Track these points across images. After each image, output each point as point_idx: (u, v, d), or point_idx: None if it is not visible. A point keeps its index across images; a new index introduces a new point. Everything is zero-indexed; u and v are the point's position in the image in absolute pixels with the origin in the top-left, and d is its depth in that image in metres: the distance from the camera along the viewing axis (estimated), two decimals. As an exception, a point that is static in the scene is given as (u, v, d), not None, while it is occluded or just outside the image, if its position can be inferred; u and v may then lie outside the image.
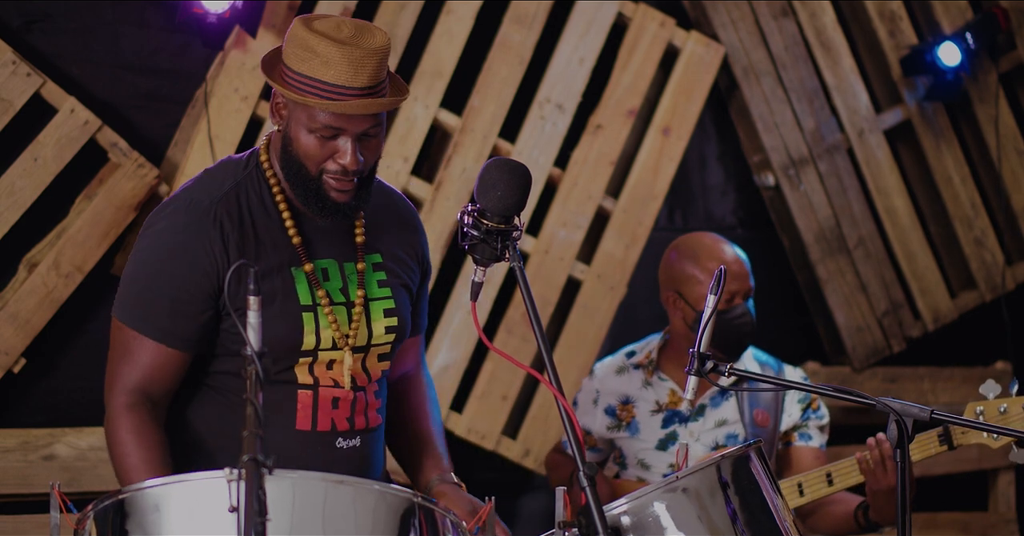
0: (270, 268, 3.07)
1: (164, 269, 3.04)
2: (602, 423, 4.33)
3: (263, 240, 3.08)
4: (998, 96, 5.83)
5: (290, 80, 2.98)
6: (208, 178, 3.13)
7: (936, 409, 2.98)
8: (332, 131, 2.99)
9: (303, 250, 3.09)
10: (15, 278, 4.48)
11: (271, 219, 3.10)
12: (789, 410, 4.29)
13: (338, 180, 3.02)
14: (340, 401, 3.13)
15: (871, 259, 5.67)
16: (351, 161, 2.99)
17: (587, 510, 2.67)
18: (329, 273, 3.12)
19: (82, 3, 4.57)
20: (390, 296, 3.18)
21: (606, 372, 4.37)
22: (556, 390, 2.74)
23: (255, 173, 3.13)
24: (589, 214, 5.17)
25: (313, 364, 3.10)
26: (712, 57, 5.35)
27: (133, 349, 3.06)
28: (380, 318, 3.16)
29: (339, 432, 3.13)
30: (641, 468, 4.30)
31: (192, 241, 3.03)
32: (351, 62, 2.93)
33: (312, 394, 3.11)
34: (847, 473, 3.97)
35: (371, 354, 3.16)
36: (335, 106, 2.94)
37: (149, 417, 3.06)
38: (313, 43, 2.94)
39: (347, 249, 3.15)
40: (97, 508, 2.70)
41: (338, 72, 2.94)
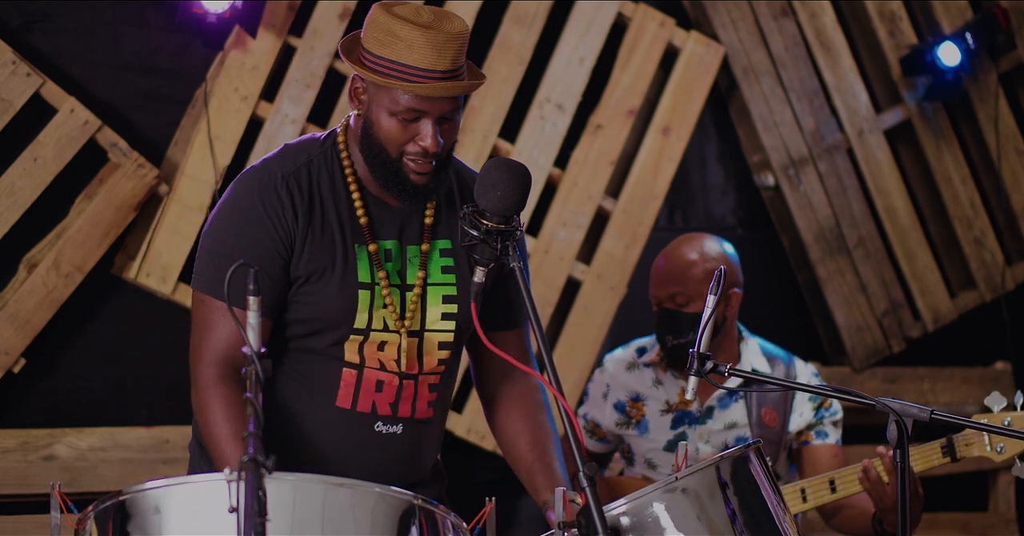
0: (333, 243, 3.09)
1: (240, 238, 3.07)
2: (611, 418, 4.35)
3: (329, 215, 3.10)
4: (998, 96, 5.83)
5: (372, 64, 3.02)
6: (285, 152, 3.17)
7: (936, 409, 2.98)
8: (414, 114, 3.02)
9: (368, 230, 3.11)
10: (15, 278, 4.48)
11: (339, 197, 3.12)
12: (800, 409, 4.29)
13: (418, 163, 3.04)
14: (384, 384, 3.13)
15: (871, 259, 5.67)
16: (432, 143, 3.02)
17: (587, 510, 2.67)
18: (392, 254, 3.13)
19: (82, 3, 4.57)
20: (453, 283, 3.17)
21: (617, 366, 4.38)
22: (556, 390, 2.74)
23: (330, 152, 3.15)
24: (589, 214, 5.17)
25: (364, 343, 3.10)
26: (712, 57, 5.36)
27: (216, 319, 3.07)
28: (438, 304, 3.16)
29: (379, 416, 3.13)
30: (648, 467, 4.31)
31: (264, 209, 3.07)
32: (434, 46, 2.97)
33: (356, 373, 3.11)
34: (850, 480, 3.97)
35: (427, 340, 3.15)
36: (419, 88, 2.98)
37: (238, 388, 3.06)
38: (396, 27, 2.98)
39: (413, 232, 3.16)
40: (97, 509, 2.70)
41: (422, 55, 2.97)
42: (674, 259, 4.24)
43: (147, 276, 4.60)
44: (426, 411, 3.20)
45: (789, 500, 4.00)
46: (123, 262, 4.64)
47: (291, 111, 4.77)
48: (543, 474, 3.25)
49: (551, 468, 3.26)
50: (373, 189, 3.14)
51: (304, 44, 4.80)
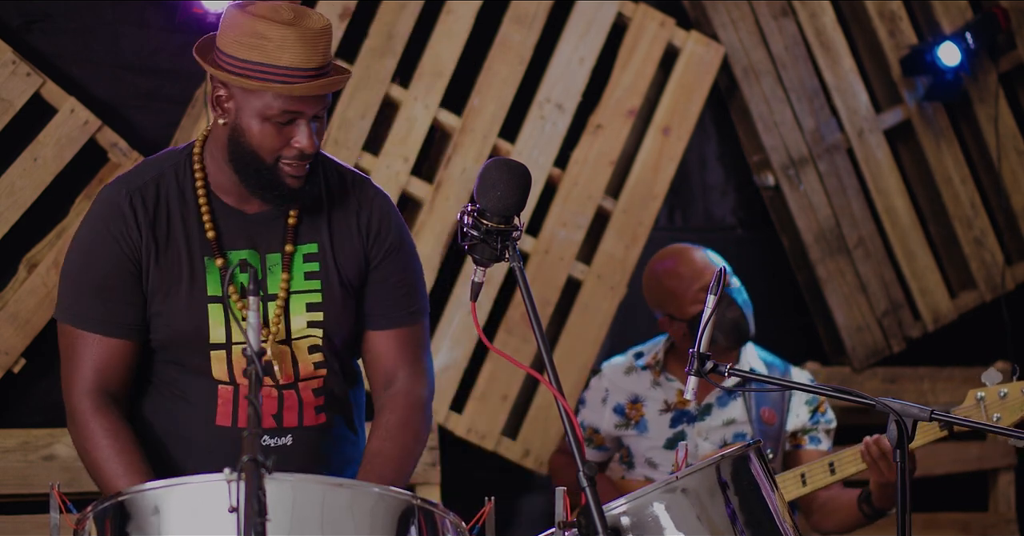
0: (179, 257, 3.06)
1: (88, 261, 3.06)
2: (610, 421, 4.37)
3: (175, 230, 3.07)
4: (998, 96, 5.82)
5: (237, 68, 2.95)
6: (139, 167, 3.15)
7: (936, 409, 2.99)
8: (288, 116, 2.97)
9: (216, 244, 3.07)
10: (15, 278, 4.48)
11: (188, 210, 3.08)
12: (796, 411, 4.31)
13: (294, 165, 3.00)
14: (264, 398, 3.08)
15: (871, 259, 5.67)
16: (309, 144, 2.98)
17: (587, 510, 2.67)
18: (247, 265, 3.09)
19: (82, 3, 4.57)
20: (318, 289, 3.12)
21: (615, 371, 4.42)
22: (556, 390, 2.73)
23: (184, 163, 3.11)
24: (589, 214, 5.17)
25: (230, 359, 3.07)
26: (712, 57, 5.35)
27: (79, 347, 3.07)
28: (302, 312, 3.11)
29: (265, 430, 3.07)
30: (648, 467, 4.32)
31: (108, 229, 3.04)
32: (305, 44, 2.93)
33: (233, 389, 3.08)
34: (848, 462, 3.98)
35: (296, 347, 3.10)
36: (295, 89, 2.93)
37: (117, 417, 3.06)
38: (261, 28, 2.93)
39: (274, 238, 3.11)
40: (97, 509, 2.70)
41: (293, 55, 2.92)
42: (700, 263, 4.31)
43: (147, 276, 4.60)
44: (316, 417, 3.15)
45: (789, 484, 4.02)
46: (123, 262, 4.64)
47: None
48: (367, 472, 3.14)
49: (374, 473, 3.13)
50: (229, 199, 3.09)
51: (304, 44, 4.80)
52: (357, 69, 4.87)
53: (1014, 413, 3.80)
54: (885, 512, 3.91)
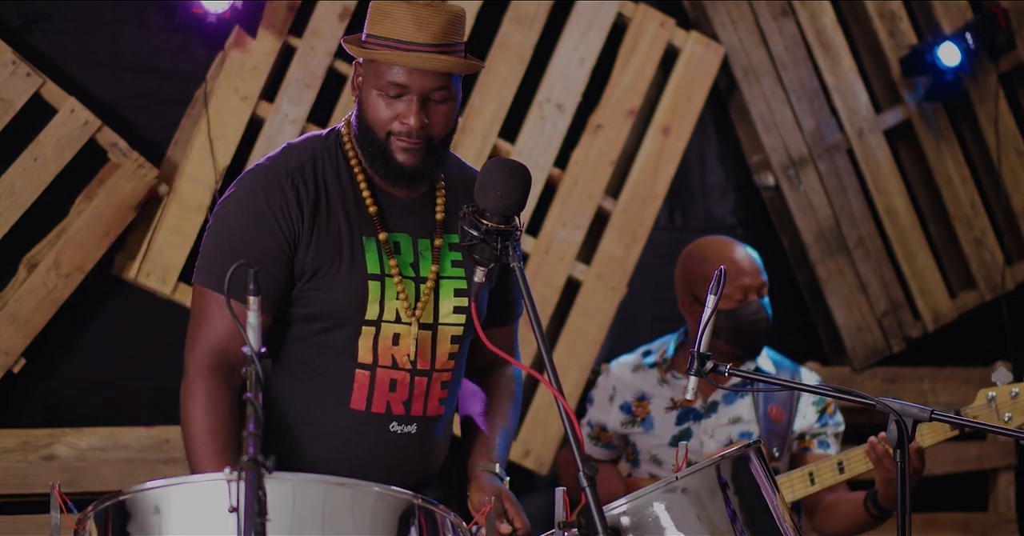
0: (340, 236, 3.10)
1: (244, 233, 3.09)
2: (617, 419, 4.38)
3: (335, 209, 3.11)
4: (998, 96, 5.83)
5: (362, 43, 3.06)
6: (289, 150, 3.18)
7: (936, 409, 2.99)
8: (397, 89, 3.03)
9: (378, 220, 3.12)
10: (15, 278, 4.48)
11: (346, 191, 3.13)
12: (804, 411, 4.31)
13: (404, 141, 3.05)
14: (398, 383, 3.13)
15: (871, 259, 5.67)
16: (415, 121, 3.03)
17: (587, 510, 2.67)
18: (401, 247, 3.14)
19: (82, 3, 4.57)
20: (463, 276, 3.18)
21: (622, 370, 4.43)
22: (556, 390, 2.74)
23: (334, 146, 3.17)
24: (589, 214, 5.17)
25: (377, 337, 3.10)
26: (712, 57, 5.36)
27: (214, 311, 3.09)
28: (450, 297, 3.16)
29: (394, 416, 3.14)
30: (654, 464, 4.33)
31: (269, 205, 3.08)
32: (415, 18, 2.99)
33: (370, 374, 3.12)
34: (858, 461, 3.98)
35: (440, 334, 3.16)
36: (395, 57, 3.00)
37: (225, 381, 3.08)
38: (388, 6, 3.02)
39: (424, 225, 3.17)
40: (97, 509, 2.70)
41: (403, 26, 3.00)
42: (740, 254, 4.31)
43: (147, 276, 4.60)
44: (438, 408, 3.20)
45: (798, 484, 4.02)
46: (123, 262, 4.64)
47: (291, 111, 4.77)
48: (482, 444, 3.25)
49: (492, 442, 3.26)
50: (380, 182, 3.15)
51: (304, 44, 4.80)
52: (357, 69, 4.87)
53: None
54: (891, 512, 3.89)
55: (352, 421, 3.13)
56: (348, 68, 4.87)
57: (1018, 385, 3.79)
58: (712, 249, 4.35)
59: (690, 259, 4.37)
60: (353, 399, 3.12)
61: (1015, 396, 3.78)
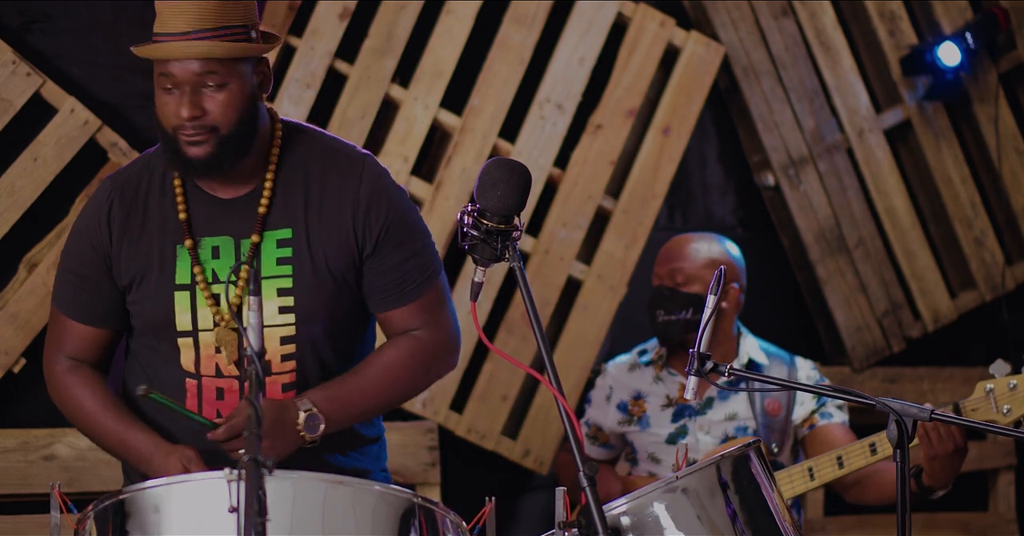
0: (151, 246, 3.11)
1: (70, 249, 3.19)
2: (614, 418, 4.39)
3: (151, 218, 3.12)
4: (998, 96, 5.82)
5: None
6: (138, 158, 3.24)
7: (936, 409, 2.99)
8: (167, 81, 3.02)
9: (187, 227, 3.11)
10: (15, 278, 4.48)
11: (166, 197, 3.14)
12: (801, 398, 4.32)
13: (186, 134, 3.02)
14: (225, 391, 3.10)
15: (871, 259, 5.67)
16: (186, 111, 3.00)
17: (587, 510, 2.67)
18: (220, 251, 3.10)
19: (82, 3, 4.57)
20: (289, 274, 3.09)
21: (619, 369, 4.45)
22: (556, 390, 2.74)
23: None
24: (589, 214, 5.17)
25: (197, 347, 3.08)
26: (712, 57, 5.35)
27: (57, 325, 3.22)
28: (272, 297, 3.08)
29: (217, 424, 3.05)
30: (652, 462, 4.33)
31: (88, 220, 3.16)
32: (172, 10, 2.99)
33: (196, 383, 3.11)
34: (857, 455, 3.98)
35: (268, 338, 3.07)
36: (151, 49, 3.01)
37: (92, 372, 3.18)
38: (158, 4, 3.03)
39: (248, 224, 3.12)
40: (97, 508, 2.70)
41: (161, 21, 3.01)
42: (680, 242, 4.42)
43: (147, 276, 4.60)
44: None
45: (797, 480, 4.02)
46: (123, 262, 4.64)
47: (291, 111, 4.77)
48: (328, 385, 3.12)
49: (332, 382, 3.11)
50: (205, 185, 3.12)
51: (304, 44, 4.80)
52: (357, 69, 4.87)
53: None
54: (934, 491, 3.77)
55: (188, 431, 3.11)
56: (348, 68, 4.87)
57: (1016, 377, 3.78)
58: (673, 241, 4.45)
59: None
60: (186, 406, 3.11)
61: (1013, 388, 3.77)
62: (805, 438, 4.32)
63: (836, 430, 4.29)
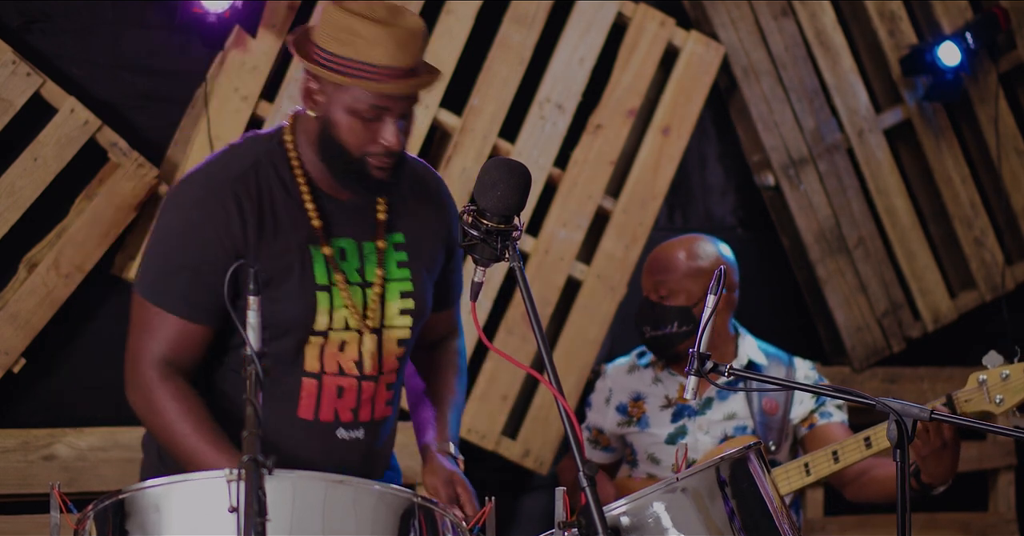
0: (288, 246, 3.08)
1: (184, 243, 3.06)
2: (613, 420, 4.39)
3: (281, 218, 3.09)
4: (998, 96, 5.83)
5: (330, 63, 3.00)
6: (230, 153, 3.15)
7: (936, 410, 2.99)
8: (376, 112, 3.01)
9: (322, 231, 3.11)
10: (15, 278, 4.48)
11: (291, 198, 3.10)
12: (800, 397, 4.32)
13: (379, 161, 3.04)
14: (345, 391, 3.13)
15: (871, 259, 5.67)
16: (396, 141, 3.02)
17: (587, 510, 2.67)
18: (347, 253, 3.13)
19: (82, 3, 4.57)
20: (409, 278, 3.18)
21: (618, 371, 4.45)
22: (556, 390, 2.74)
23: (278, 150, 3.13)
24: (589, 214, 5.17)
25: (324, 346, 3.10)
26: (712, 57, 5.36)
27: (156, 324, 3.08)
28: (396, 299, 3.16)
29: (342, 423, 3.13)
30: (651, 463, 4.33)
31: (210, 216, 3.05)
32: (397, 42, 2.96)
33: (317, 383, 3.11)
34: (852, 450, 3.98)
35: (386, 337, 3.15)
36: (384, 87, 2.97)
37: (185, 383, 3.08)
38: (355, 25, 2.97)
39: (367, 228, 3.16)
40: (97, 508, 2.70)
41: (385, 52, 2.96)
42: (663, 252, 4.36)
43: (147, 276, 4.60)
44: (384, 410, 3.20)
45: (793, 475, 4.02)
46: (123, 262, 4.64)
47: (291, 111, 4.77)
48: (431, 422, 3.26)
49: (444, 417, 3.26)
50: (324, 186, 3.13)
51: (304, 44, 4.80)
52: (357, 69, 4.87)
53: (1017, 394, 3.80)
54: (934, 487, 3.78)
55: (300, 430, 3.12)
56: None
57: (1009, 367, 3.79)
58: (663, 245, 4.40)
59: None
60: (301, 408, 3.11)
61: (1006, 378, 3.78)
62: (805, 437, 4.33)
63: (836, 429, 4.30)
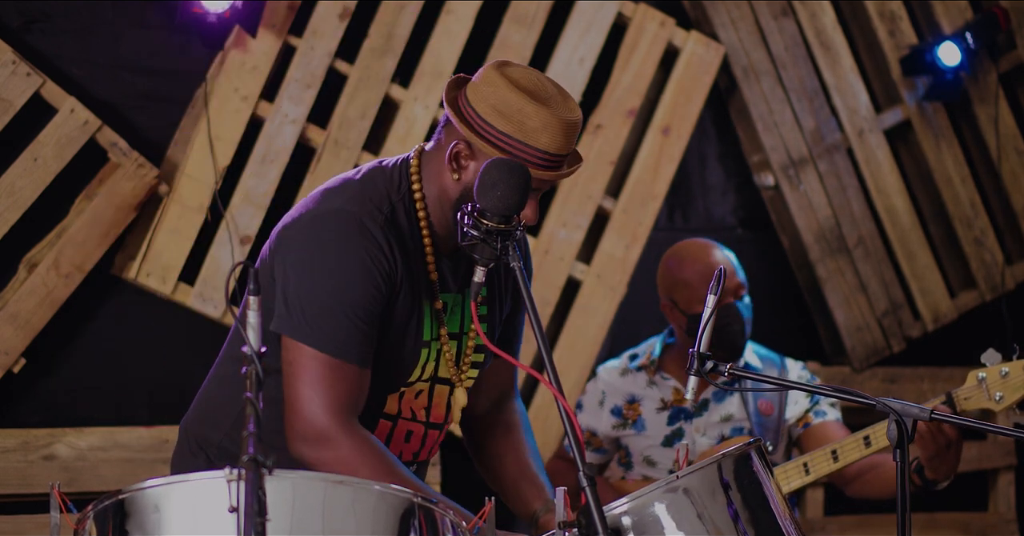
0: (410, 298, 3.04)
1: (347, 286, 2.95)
2: (608, 423, 4.39)
3: (412, 268, 3.04)
4: (998, 96, 5.82)
5: (492, 138, 2.94)
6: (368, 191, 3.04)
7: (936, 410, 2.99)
8: None
9: (438, 287, 3.08)
10: (15, 278, 4.48)
11: (416, 249, 3.06)
12: (795, 398, 4.34)
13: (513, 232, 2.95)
14: (413, 435, 3.16)
15: (871, 259, 5.67)
16: (533, 217, 2.98)
17: (587, 510, 2.66)
18: (448, 307, 3.11)
19: (82, 3, 4.57)
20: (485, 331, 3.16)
21: (611, 374, 4.44)
22: (556, 390, 2.74)
23: (407, 197, 3.07)
24: (589, 214, 5.17)
25: (403, 393, 3.11)
26: (712, 57, 5.36)
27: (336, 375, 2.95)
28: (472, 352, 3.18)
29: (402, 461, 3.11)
30: (647, 465, 4.33)
31: (373, 260, 2.97)
32: (564, 132, 2.94)
33: (391, 425, 3.13)
34: (852, 449, 3.99)
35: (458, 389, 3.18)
36: (544, 174, 2.93)
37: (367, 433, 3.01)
38: (527, 108, 2.92)
39: (463, 279, 3.15)
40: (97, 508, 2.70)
41: (553, 140, 2.93)
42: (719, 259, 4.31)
43: (147, 276, 4.60)
44: (434, 452, 3.25)
45: (792, 475, 4.03)
46: (123, 262, 4.64)
47: (291, 111, 4.77)
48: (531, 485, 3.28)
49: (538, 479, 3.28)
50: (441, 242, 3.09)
51: (304, 44, 4.80)
52: (357, 69, 4.87)
53: (1016, 392, 3.80)
54: (937, 483, 3.80)
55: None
56: (348, 68, 4.87)
57: (1008, 364, 3.80)
58: (689, 253, 4.37)
59: (668, 263, 4.39)
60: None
61: (1005, 375, 3.79)
62: (801, 436, 4.34)
63: (831, 427, 4.31)
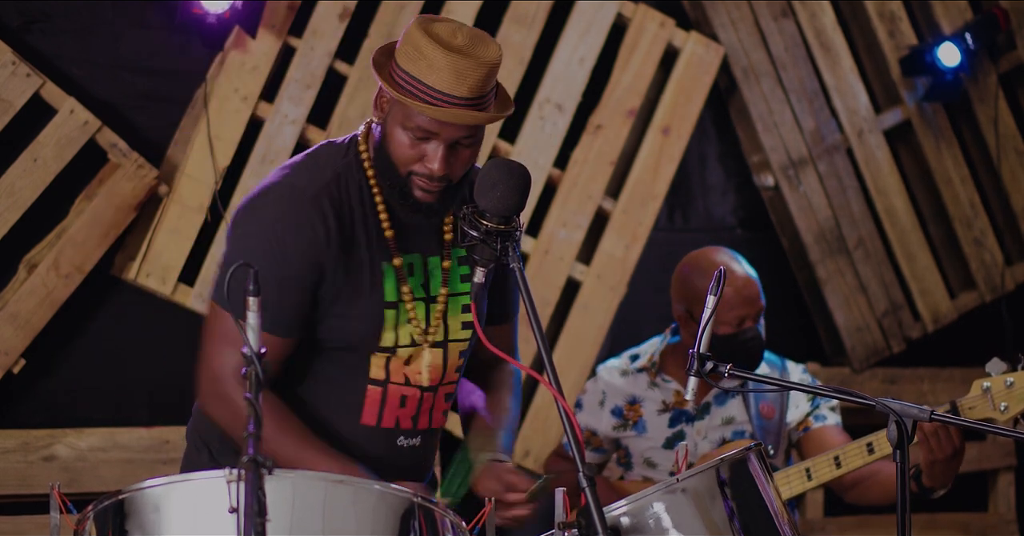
0: (361, 262, 3.06)
1: (269, 258, 3.00)
2: (608, 423, 4.38)
3: (358, 233, 3.06)
4: (998, 96, 5.83)
5: (396, 77, 2.97)
6: (310, 163, 3.10)
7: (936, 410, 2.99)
8: (424, 133, 2.97)
9: (395, 244, 3.09)
10: (15, 278, 4.48)
11: (367, 212, 3.08)
12: (796, 402, 4.32)
13: (423, 182, 3.00)
14: (408, 399, 3.14)
15: (871, 259, 5.67)
16: (439, 167, 2.98)
17: (587, 511, 2.67)
18: (414, 268, 3.12)
19: (82, 3, 4.57)
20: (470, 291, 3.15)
21: (611, 374, 4.42)
22: (556, 390, 2.74)
23: (354, 162, 3.10)
24: (589, 214, 5.17)
25: (390, 359, 3.11)
26: (712, 57, 5.36)
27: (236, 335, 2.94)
28: (458, 313, 3.16)
29: (402, 430, 3.15)
30: (647, 467, 4.33)
31: (297, 230, 3.01)
32: (456, 71, 2.92)
33: (381, 391, 3.12)
34: (854, 455, 3.98)
35: (450, 350, 3.16)
36: (431, 111, 2.93)
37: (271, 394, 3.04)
38: (423, 45, 2.94)
39: (433, 243, 3.14)
40: (97, 509, 2.70)
41: (441, 78, 2.92)
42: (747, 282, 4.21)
43: (147, 276, 4.60)
44: (440, 420, 3.23)
45: (794, 480, 4.02)
46: (123, 262, 4.64)
47: (291, 111, 4.77)
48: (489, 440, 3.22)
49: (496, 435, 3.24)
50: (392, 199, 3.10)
51: (304, 44, 4.80)
52: (357, 69, 4.87)
53: (1021, 402, 3.79)
54: (934, 491, 3.80)
55: (362, 435, 3.13)
56: (348, 68, 4.87)
57: (1013, 375, 3.78)
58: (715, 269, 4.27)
59: (691, 274, 4.27)
60: (364, 414, 3.12)
61: (1010, 385, 3.77)
62: (800, 440, 4.33)
63: (831, 432, 4.29)
